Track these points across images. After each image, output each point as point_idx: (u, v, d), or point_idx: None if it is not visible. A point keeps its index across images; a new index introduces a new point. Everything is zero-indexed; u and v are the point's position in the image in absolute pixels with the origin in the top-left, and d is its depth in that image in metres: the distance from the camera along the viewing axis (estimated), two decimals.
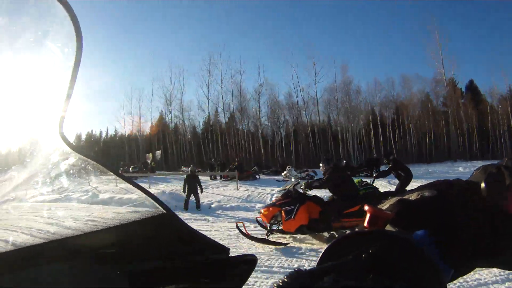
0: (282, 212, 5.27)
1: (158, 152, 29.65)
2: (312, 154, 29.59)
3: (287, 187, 5.81)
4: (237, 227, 5.41)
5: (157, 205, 0.53)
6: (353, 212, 5.09)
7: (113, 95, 62.26)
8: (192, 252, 0.52)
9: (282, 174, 16.53)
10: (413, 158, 26.60)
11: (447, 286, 0.32)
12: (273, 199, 6.31)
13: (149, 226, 0.54)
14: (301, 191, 5.54)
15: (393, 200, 0.40)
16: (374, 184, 6.38)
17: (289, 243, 5.07)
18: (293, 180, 6.39)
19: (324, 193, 6.87)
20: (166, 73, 38.70)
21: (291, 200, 5.38)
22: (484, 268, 3.18)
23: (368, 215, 0.35)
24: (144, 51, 52.02)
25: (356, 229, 0.35)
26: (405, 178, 6.64)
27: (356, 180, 6.41)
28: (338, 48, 43.54)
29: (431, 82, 29.14)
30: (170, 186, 14.03)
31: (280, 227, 5.31)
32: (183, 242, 0.52)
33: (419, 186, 0.42)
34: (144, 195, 0.58)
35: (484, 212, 0.37)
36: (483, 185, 0.38)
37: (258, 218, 5.90)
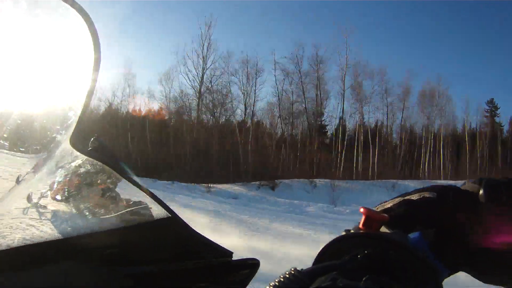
0: None
1: None
2: None
3: None
4: None
5: (163, 208, 0.55)
6: None
7: None
8: (195, 255, 0.53)
9: None
10: None
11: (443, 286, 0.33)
12: None
13: (154, 229, 0.55)
14: None
15: (396, 200, 0.41)
16: None
17: None
18: None
19: None
20: None
21: None
22: None
23: (363, 217, 0.36)
24: None
25: (351, 231, 0.36)
26: None
27: None
28: None
29: None
30: None
31: None
32: (187, 245, 0.53)
33: (418, 189, 0.43)
34: (150, 198, 0.60)
35: (478, 215, 0.38)
36: (481, 192, 0.39)
37: None
